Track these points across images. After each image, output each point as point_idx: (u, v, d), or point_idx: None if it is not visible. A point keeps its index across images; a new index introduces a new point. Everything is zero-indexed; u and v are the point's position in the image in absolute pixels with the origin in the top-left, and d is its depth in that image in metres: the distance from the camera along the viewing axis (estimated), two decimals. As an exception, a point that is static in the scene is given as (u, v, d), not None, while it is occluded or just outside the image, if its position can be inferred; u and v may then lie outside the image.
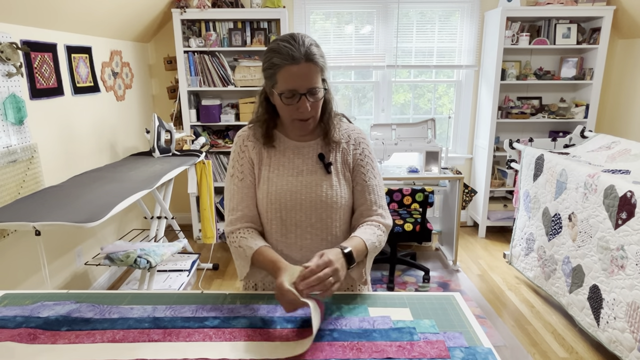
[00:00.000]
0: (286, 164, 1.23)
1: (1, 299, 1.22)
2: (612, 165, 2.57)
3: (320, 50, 1.15)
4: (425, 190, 3.07)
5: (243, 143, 1.26)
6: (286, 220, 1.21)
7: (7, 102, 2.23)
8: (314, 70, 1.12)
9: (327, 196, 1.20)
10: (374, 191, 1.26)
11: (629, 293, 2.07)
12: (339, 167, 1.24)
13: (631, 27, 3.72)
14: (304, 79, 1.11)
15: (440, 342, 0.97)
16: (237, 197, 1.23)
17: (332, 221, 1.22)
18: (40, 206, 2.12)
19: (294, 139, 1.26)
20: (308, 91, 1.12)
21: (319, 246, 1.22)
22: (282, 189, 1.20)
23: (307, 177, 1.21)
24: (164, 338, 1.00)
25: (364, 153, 1.27)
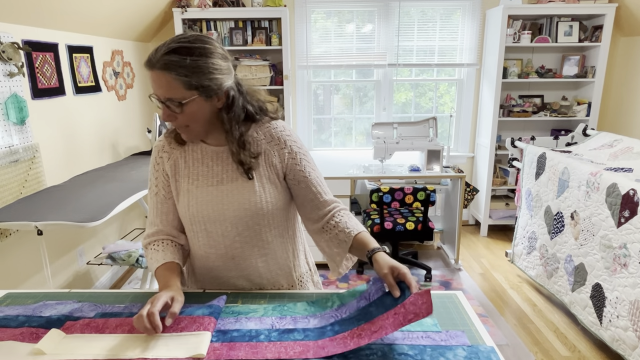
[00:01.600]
0: (205, 172, 1.15)
1: (4, 298, 1.22)
2: (615, 163, 2.56)
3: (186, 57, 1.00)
4: (427, 189, 3.06)
5: (158, 155, 1.19)
6: (212, 232, 1.15)
7: (9, 102, 2.24)
8: (170, 80, 1.00)
9: (251, 203, 1.13)
10: (317, 183, 1.19)
11: (631, 291, 2.06)
12: (262, 170, 1.15)
13: (633, 25, 3.71)
14: (160, 87, 1.02)
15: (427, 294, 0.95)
16: (153, 211, 1.19)
17: (260, 227, 1.16)
18: (42, 206, 2.13)
19: (212, 144, 1.17)
20: (167, 100, 1.03)
21: (251, 254, 1.18)
22: (202, 200, 1.13)
23: (227, 186, 1.14)
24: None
25: (293, 150, 1.17)
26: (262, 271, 1.22)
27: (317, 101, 4.26)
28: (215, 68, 1.04)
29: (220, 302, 1.12)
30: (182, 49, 1.01)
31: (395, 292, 0.99)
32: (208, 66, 1.03)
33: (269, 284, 1.24)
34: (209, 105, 1.08)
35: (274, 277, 1.24)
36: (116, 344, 0.98)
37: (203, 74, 1.02)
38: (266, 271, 1.22)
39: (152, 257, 1.16)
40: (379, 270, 1.04)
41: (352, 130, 4.33)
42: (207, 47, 1.04)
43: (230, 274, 1.21)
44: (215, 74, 1.04)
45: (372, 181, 3.58)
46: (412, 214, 3.36)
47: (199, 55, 1.02)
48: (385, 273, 1.02)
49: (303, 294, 1.21)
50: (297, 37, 3.94)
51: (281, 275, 1.25)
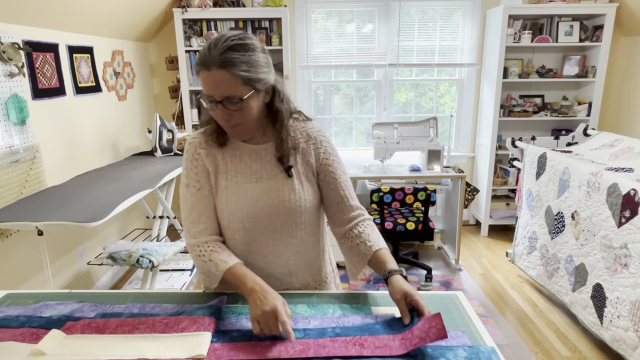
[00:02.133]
0: (244, 170, 1.16)
1: (4, 299, 1.22)
2: (615, 163, 2.56)
3: (243, 56, 1.02)
4: (428, 189, 3.06)
5: (195, 151, 1.18)
6: (249, 229, 1.16)
7: (9, 102, 2.24)
8: (227, 77, 1.01)
9: (291, 201, 1.15)
10: (346, 187, 1.22)
11: (632, 292, 2.06)
12: (300, 168, 1.18)
13: (634, 25, 3.70)
14: (217, 87, 1.03)
15: (437, 317, 0.96)
16: (197, 208, 1.17)
17: (296, 225, 1.18)
18: (43, 206, 2.13)
19: (250, 142, 1.19)
20: (225, 99, 1.04)
21: (284, 251, 1.19)
22: (242, 197, 1.14)
23: (267, 183, 1.15)
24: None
25: (327, 151, 1.21)
26: (292, 269, 1.23)
27: (318, 101, 4.26)
28: (263, 63, 1.07)
29: (220, 303, 1.12)
30: (237, 46, 1.03)
31: (405, 319, 1.02)
32: (259, 61, 1.06)
33: (297, 282, 1.25)
34: (260, 101, 1.11)
35: (303, 275, 1.25)
36: (116, 345, 0.98)
37: (258, 69, 1.06)
38: (296, 269, 1.23)
39: (212, 259, 1.13)
40: (392, 294, 1.06)
41: (352, 130, 4.33)
42: (254, 43, 1.07)
43: (262, 273, 1.18)
44: (265, 68, 1.08)
45: (372, 181, 3.58)
46: (412, 214, 3.36)
47: (252, 51, 1.05)
48: (397, 298, 1.04)
49: (303, 295, 1.21)
50: (298, 37, 3.94)
51: (310, 274, 1.26)
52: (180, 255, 3.31)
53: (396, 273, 1.10)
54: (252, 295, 1.04)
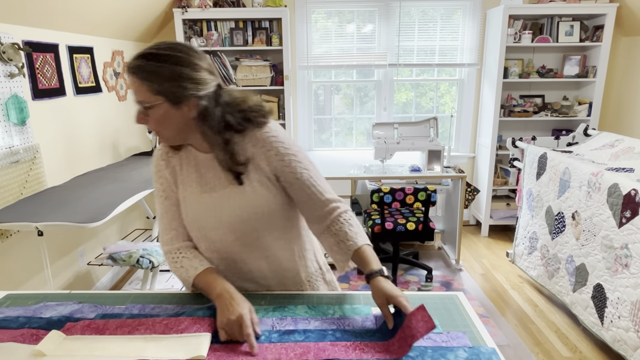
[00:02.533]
0: (199, 180, 1.17)
1: (4, 300, 1.22)
2: (616, 163, 2.56)
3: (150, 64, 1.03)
4: (428, 189, 3.06)
5: (158, 162, 1.21)
6: (211, 237, 1.16)
7: (10, 102, 2.24)
8: (138, 84, 1.04)
9: (244, 209, 1.13)
10: (312, 183, 1.16)
11: (633, 292, 2.06)
12: (251, 175, 1.14)
13: (634, 25, 3.70)
14: (132, 90, 1.06)
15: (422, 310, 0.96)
16: (167, 216, 1.19)
17: (258, 232, 1.16)
18: (43, 206, 2.12)
19: (204, 151, 1.17)
20: (138, 103, 1.06)
21: (253, 257, 1.18)
22: (197, 208, 1.15)
23: (220, 192, 1.14)
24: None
25: (280, 152, 1.14)
26: (266, 273, 1.22)
27: (318, 101, 4.26)
28: (183, 77, 1.04)
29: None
30: (149, 55, 1.03)
31: (389, 323, 1.01)
32: (174, 73, 1.03)
33: (276, 286, 1.24)
34: (179, 113, 1.07)
35: (280, 279, 1.24)
36: (116, 345, 0.98)
37: (168, 81, 1.03)
38: (270, 273, 1.22)
39: (184, 265, 1.15)
40: (374, 298, 1.05)
41: (352, 130, 4.33)
42: (178, 55, 1.04)
43: (235, 277, 1.20)
44: (182, 82, 1.04)
45: (372, 181, 3.58)
46: (412, 214, 3.36)
47: (164, 62, 1.03)
48: (379, 303, 1.03)
49: (304, 296, 1.21)
50: (298, 38, 3.94)
51: (287, 277, 1.25)
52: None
53: (376, 275, 1.07)
54: (219, 302, 1.05)
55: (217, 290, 1.08)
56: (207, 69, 1.09)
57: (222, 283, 1.10)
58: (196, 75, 1.06)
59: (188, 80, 1.05)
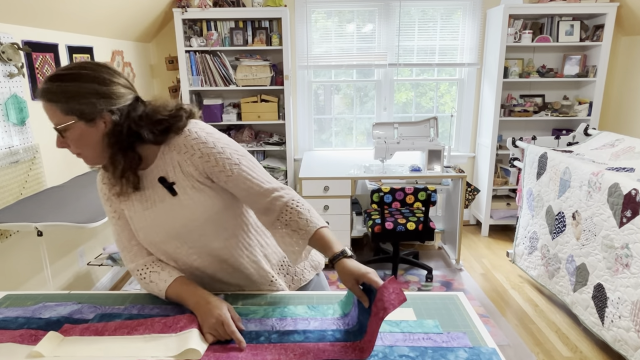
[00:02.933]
0: (139, 197, 1.15)
1: (3, 300, 1.22)
2: (616, 163, 2.55)
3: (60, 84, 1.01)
4: (428, 189, 3.05)
5: (100, 185, 1.20)
6: (167, 250, 1.16)
7: (9, 102, 2.23)
8: (48, 108, 1.02)
9: (185, 219, 1.11)
10: (247, 177, 1.11)
11: (633, 292, 2.05)
12: (183, 182, 1.12)
13: (635, 24, 3.70)
14: (48, 117, 1.04)
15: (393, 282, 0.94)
16: (124, 235, 1.18)
17: (206, 237, 1.14)
18: (43, 207, 2.12)
19: (140, 168, 1.15)
20: (55, 127, 1.04)
21: (211, 263, 1.18)
22: (144, 225, 1.14)
23: (159, 206, 1.13)
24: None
25: (204, 152, 1.10)
26: (230, 273, 1.20)
27: (318, 101, 4.25)
28: (89, 92, 1.02)
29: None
30: (55, 77, 1.02)
31: (364, 302, 0.99)
32: (79, 90, 1.01)
33: (244, 282, 1.23)
34: (95, 131, 1.05)
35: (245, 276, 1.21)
36: (115, 346, 0.97)
37: (74, 98, 1.01)
38: (234, 272, 1.20)
39: (153, 280, 1.15)
40: (344, 282, 1.02)
41: (352, 130, 4.33)
42: (81, 72, 1.03)
43: (203, 282, 1.21)
44: (90, 98, 1.02)
45: (372, 181, 3.57)
46: (413, 214, 3.35)
47: (69, 81, 1.02)
48: (350, 286, 1.00)
49: (303, 296, 1.21)
50: (298, 37, 3.93)
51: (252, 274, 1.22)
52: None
53: (340, 257, 1.03)
54: (197, 310, 1.06)
55: (191, 299, 1.09)
56: (121, 83, 1.07)
57: (194, 290, 1.10)
58: (105, 89, 1.04)
59: (96, 95, 1.03)
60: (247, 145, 3.89)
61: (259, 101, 3.81)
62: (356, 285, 1.00)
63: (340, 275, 1.02)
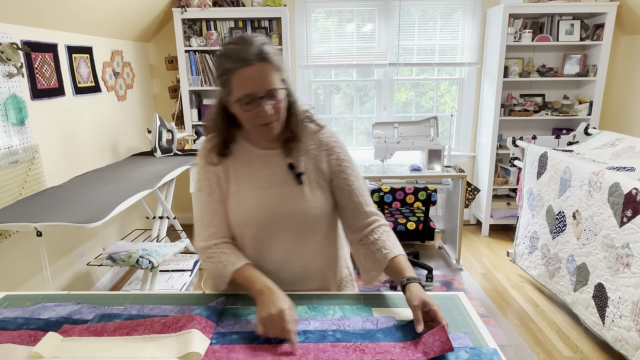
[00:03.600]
0: (254, 175, 1.16)
1: (2, 300, 1.21)
2: (617, 162, 2.55)
3: (273, 48, 1.06)
4: (428, 188, 3.05)
5: (208, 155, 1.18)
6: (258, 235, 1.15)
7: (8, 102, 2.23)
8: (269, 70, 1.04)
9: (300, 208, 1.13)
10: (360, 193, 1.19)
11: (634, 291, 2.05)
12: (311, 175, 1.16)
13: (635, 24, 3.69)
14: (260, 81, 1.03)
15: (441, 330, 0.95)
16: (207, 213, 1.17)
17: (306, 232, 1.17)
18: (42, 207, 2.12)
19: (261, 147, 1.18)
20: (267, 93, 1.04)
21: (294, 257, 1.18)
22: (252, 203, 1.14)
23: (277, 190, 1.14)
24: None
25: (340, 157, 1.18)
26: (304, 275, 1.21)
27: (318, 101, 4.25)
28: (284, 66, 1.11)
29: (219, 305, 1.11)
30: (268, 43, 1.07)
31: (418, 327, 0.98)
32: (282, 59, 1.10)
33: (310, 287, 1.23)
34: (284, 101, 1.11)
35: (315, 281, 1.23)
36: (114, 346, 0.97)
37: (283, 66, 1.10)
38: (308, 275, 1.22)
39: (221, 260, 1.13)
40: (409, 300, 1.03)
41: (352, 130, 4.32)
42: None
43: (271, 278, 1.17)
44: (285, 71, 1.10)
45: (373, 181, 3.57)
46: (413, 214, 3.35)
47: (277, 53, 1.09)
48: (415, 305, 1.01)
49: (303, 296, 1.20)
50: (297, 37, 3.93)
51: (323, 279, 1.25)
52: (180, 256, 3.30)
53: (414, 281, 1.07)
54: (260, 297, 1.04)
55: (257, 285, 1.06)
56: None
57: (262, 278, 1.09)
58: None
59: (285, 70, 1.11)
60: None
61: (259, 101, 3.80)
62: (420, 309, 1.00)
63: (410, 295, 1.03)
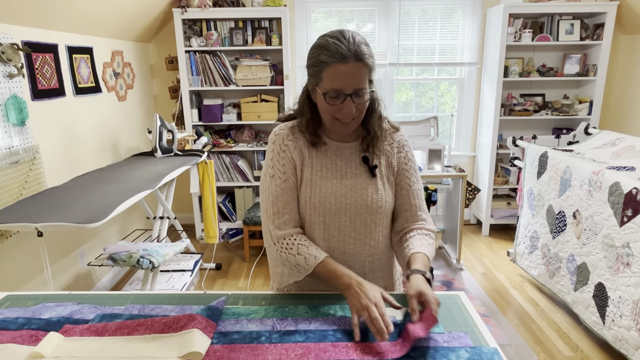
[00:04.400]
0: (329, 165, 1.18)
1: (3, 300, 1.22)
2: (617, 162, 2.55)
3: (370, 49, 1.08)
4: (428, 188, 3.05)
5: (283, 142, 1.19)
6: (329, 224, 1.17)
7: (9, 103, 2.23)
8: (363, 71, 1.06)
9: (373, 201, 1.16)
10: (417, 196, 1.23)
11: (634, 291, 2.05)
12: (383, 170, 1.20)
13: (635, 23, 3.69)
14: (351, 79, 1.06)
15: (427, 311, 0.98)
16: (282, 199, 1.17)
17: (375, 226, 1.19)
18: (43, 207, 2.12)
19: (335, 140, 1.21)
20: (354, 92, 1.07)
21: (361, 251, 1.20)
22: (326, 192, 1.16)
23: (351, 181, 1.17)
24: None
25: (408, 157, 1.23)
26: (367, 271, 1.22)
27: (318, 101, 4.25)
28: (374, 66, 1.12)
29: (219, 304, 1.12)
30: (365, 41, 1.09)
31: (414, 316, 1.00)
32: (375, 61, 1.11)
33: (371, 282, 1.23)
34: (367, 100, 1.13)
35: (376, 276, 1.24)
36: (115, 346, 0.97)
37: (375, 68, 1.12)
38: (371, 270, 1.23)
39: (301, 252, 1.13)
40: (407, 289, 1.06)
41: (352, 129, 4.32)
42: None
43: None
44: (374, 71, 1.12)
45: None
46: (413, 214, 3.35)
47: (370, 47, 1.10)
48: (410, 295, 1.02)
49: (304, 295, 1.20)
50: (298, 37, 3.93)
51: (382, 276, 1.26)
52: (181, 256, 3.30)
53: (418, 273, 1.08)
54: (349, 289, 1.05)
55: (344, 278, 1.07)
56: None
57: (347, 271, 1.10)
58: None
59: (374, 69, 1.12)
60: (247, 145, 3.89)
61: (259, 101, 3.81)
62: (415, 298, 1.01)
63: (409, 285, 1.06)
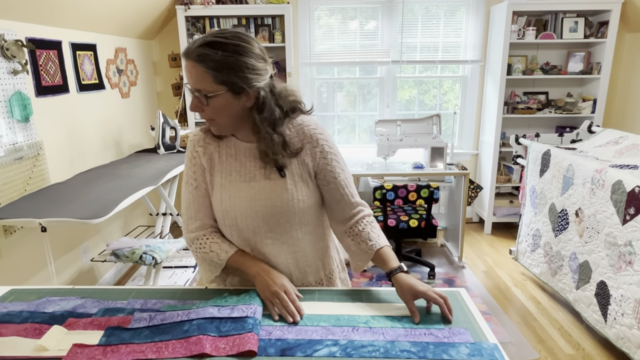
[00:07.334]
0: (238, 168, 1.17)
1: (8, 294, 1.23)
2: (620, 160, 2.54)
3: (221, 53, 1.02)
4: (431, 186, 3.05)
5: (194, 149, 1.20)
6: (242, 228, 1.16)
7: (13, 99, 2.24)
8: (200, 72, 1.03)
9: (283, 201, 1.14)
10: (346, 184, 1.20)
11: (636, 289, 2.05)
12: (294, 168, 1.16)
13: (639, 21, 3.67)
14: (190, 77, 1.05)
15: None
16: (194, 205, 1.19)
17: (291, 225, 1.17)
18: (46, 203, 2.13)
19: (244, 140, 1.18)
20: (196, 91, 1.06)
21: (281, 251, 1.18)
22: (236, 196, 1.15)
23: (260, 183, 1.15)
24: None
25: (324, 149, 1.18)
26: (292, 268, 1.22)
27: (321, 98, 4.25)
28: (247, 67, 1.05)
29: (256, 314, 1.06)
30: (216, 43, 1.03)
31: (415, 318, 1.05)
32: (240, 64, 1.04)
33: (297, 281, 1.24)
34: (238, 103, 1.08)
35: (302, 274, 1.24)
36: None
37: (233, 71, 1.03)
38: (295, 268, 1.22)
39: (213, 249, 1.17)
40: (401, 295, 1.09)
41: (355, 127, 4.32)
42: (242, 45, 1.05)
43: None
44: (246, 73, 1.05)
45: (375, 178, 3.57)
46: (415, 212, 3.35)
47: (232, 52, 1.03)
48: (406, 300, 1.08)
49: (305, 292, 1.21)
50: (301, 34, 3.93)
51: (310, 273, 1.25)
52: (184, 252, 3.31)
53: (397, 271, 1.11)
54: (258, 278, 1.12)
55: (253, 268, 1.14)
56: (266, 59, 1.12)
57: (256, 261, 1.16)
58: (260, 65, 1.08)
59: (252, 71, 1.06)
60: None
61: (262, 98, 3.81)
62: (412, 301, 1.07)
63: (399, 289, 1.09)
